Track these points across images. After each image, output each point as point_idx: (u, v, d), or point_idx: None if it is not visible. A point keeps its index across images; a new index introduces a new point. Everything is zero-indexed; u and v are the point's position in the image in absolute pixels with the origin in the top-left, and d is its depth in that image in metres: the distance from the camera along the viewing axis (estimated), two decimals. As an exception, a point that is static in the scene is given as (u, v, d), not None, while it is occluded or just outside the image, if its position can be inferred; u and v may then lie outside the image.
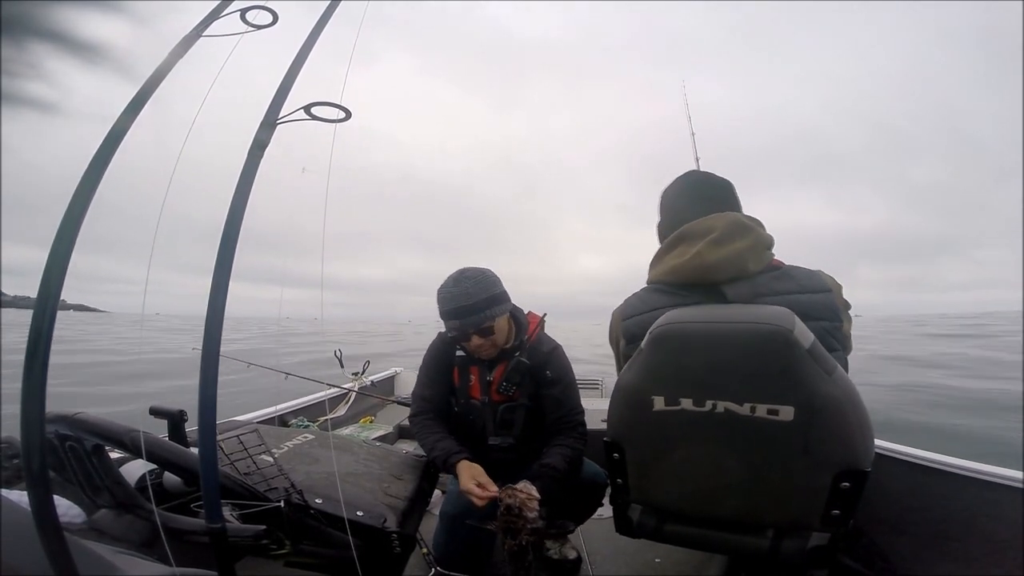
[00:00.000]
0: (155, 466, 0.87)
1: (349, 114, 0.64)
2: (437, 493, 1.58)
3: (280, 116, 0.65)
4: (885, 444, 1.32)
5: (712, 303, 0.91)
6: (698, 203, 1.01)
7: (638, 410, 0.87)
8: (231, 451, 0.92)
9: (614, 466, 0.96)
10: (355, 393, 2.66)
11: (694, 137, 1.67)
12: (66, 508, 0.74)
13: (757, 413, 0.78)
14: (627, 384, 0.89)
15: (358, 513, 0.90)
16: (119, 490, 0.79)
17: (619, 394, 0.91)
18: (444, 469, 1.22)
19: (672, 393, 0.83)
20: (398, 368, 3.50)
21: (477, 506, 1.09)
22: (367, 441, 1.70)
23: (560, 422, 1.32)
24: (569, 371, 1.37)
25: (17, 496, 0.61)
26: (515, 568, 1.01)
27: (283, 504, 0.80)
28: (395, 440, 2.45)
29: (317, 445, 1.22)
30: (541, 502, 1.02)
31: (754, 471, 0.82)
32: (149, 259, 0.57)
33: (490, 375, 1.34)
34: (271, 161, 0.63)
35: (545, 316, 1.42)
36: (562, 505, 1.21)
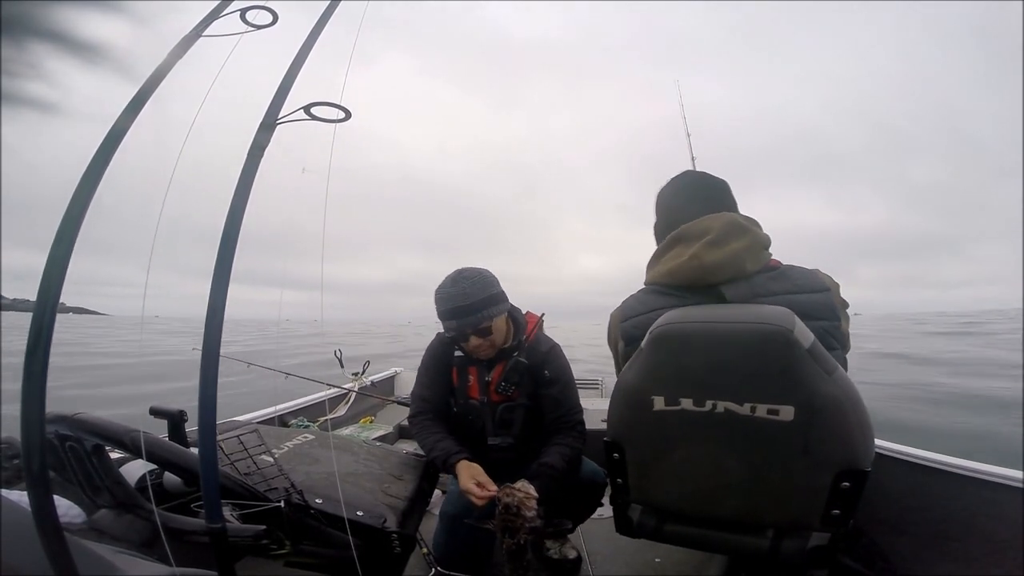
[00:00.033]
0: (155, 466, 0.87)
1: (349, 114, 0.64)
2: (437, 493, 1.58)
3: (280, 116, 0.65)
4: (885, 444, 1.31)
5: (711, 304, 0.91)
6: (694, 203, 1.01)
7: (638, 410, 0.87)
8: (231, 451, 0.92)
9: (614, 466, 0.96)
10: (355, 393, 2.66)
11: (689, 138, 1.68)
12: (66, 508, 0.74)
13: (757, 413, 0.78)
14: (627, 384, 0.89)
15: (358, 513, 0.90)
16: (119, 490, 0.79)
17: (619, 394, 0.91)
18: (444, 469, 1.22)
19: (672, 393, 0.83)
20: (398, 368, 3.50)
21: (476, 505, 1.09)
22: (367, 441, 1.70)
23: (559, 421, 1.32)
24: (567, 370, 1.37)
25: (17, 496, 0.61)
26: (513, 567, 1.01)
27: (283, 504, 0.80)
28: (395, 440, 2.45)
29: (317, 445, 1.22)
30: (539, 501, 1.02)
31: (754, 471, 0.82)
32: (149, 260, 0.57)
33: (488, 375, 1.33)
34: (271, 162, 0.63)
35: (543, 316, 1.42)
36: (561, 504, 1.21)
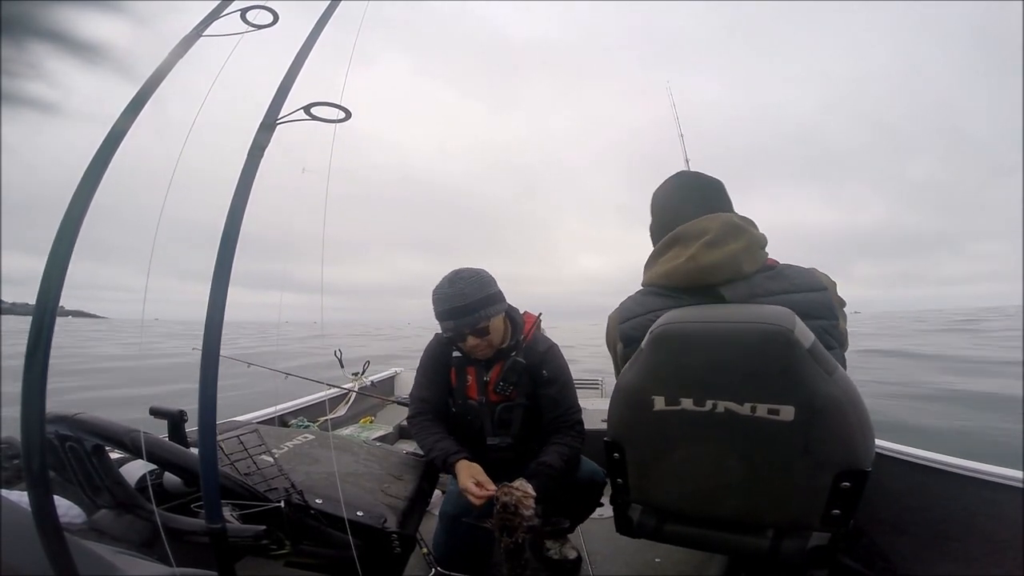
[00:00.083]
0: (155, 466, 0.87)
1: (349, 114, 0.64)
2: (437, 493, 1.57)
3: (280, 116, 0.65)
4: (885, 444, 1.31)
5: (711, 304, 0.91)
6: (689, 204, 1.01)
7: (638, 410, 0.87)
8: (231, 451, 0.92)
9: (614, 466, 0.96)
10: (355, 393, 2.66)
11: (683, 139, 1.70)
12: (66, 508, 0.74)
13: (757, 413, 0.78)
14: (627, 384, 0.89)
15: (358, 513, 0.90)
16: (119, 490, 0.79)
17: (619, 394, 0.91)
18: (443, 469, 1.22)
19: (672, 393, 0.83)
20: (398, 368, 3.50)
21: (475, 505, 1.09)
22: (367, 441, 1.70)
23: (557, 421, 1.32)
24: (565, 370, 1.37)
25: (17, 496, 0.61)
26: (511, 566, 1.01)
27: (283, 504, 0.80)
28: (395, 440, 2.45)
29: (317, 445, 1.22)
30: (537, 500, 1.02)
31: (754, 471, 0.82)
32: (149, 260, 0.57)
33: (487, 375, 1.33)
34: (271, 162, 0.63)
35: (541, 316, 1.42)
36: (560, 504, 1.21)
